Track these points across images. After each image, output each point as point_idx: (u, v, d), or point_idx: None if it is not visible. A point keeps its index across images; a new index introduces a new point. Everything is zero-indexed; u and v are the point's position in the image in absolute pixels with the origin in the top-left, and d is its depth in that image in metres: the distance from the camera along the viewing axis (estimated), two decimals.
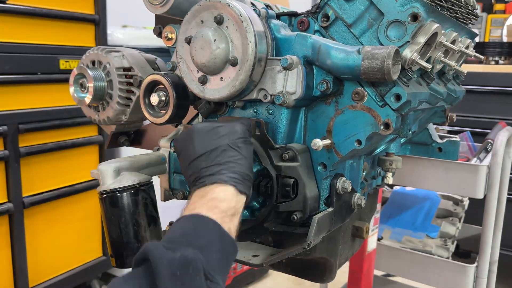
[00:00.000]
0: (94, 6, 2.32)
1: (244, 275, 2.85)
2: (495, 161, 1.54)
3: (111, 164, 0.94)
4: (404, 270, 1.81)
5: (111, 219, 0.92)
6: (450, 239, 1.91)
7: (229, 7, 0.84)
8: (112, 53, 1.09)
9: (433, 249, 1.88)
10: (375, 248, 1.68)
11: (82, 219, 2.50)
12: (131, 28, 2.59)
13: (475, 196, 1.57)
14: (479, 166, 1.54)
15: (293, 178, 0.89)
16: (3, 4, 2.01)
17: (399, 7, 0.82)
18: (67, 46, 2.26)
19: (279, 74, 0.87)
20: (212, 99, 0.90)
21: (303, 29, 0.93)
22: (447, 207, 2.03)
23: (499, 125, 1.90)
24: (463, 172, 1.56)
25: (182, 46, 0.91)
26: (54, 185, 2.32)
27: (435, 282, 1.75)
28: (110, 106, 1.09)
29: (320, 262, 1.09)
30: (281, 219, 0.93)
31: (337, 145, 0.90)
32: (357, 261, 1.63)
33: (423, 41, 0.82)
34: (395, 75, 0.78)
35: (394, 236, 1.98)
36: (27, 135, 2.16)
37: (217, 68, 0.87)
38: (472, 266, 1.66)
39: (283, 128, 0.92)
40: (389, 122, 0.83)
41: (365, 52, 0.79)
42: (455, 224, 1.94)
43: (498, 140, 1.53)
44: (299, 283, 3.07)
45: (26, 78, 2.14)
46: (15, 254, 2.17)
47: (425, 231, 1.94)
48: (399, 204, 2.08)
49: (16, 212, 2.15)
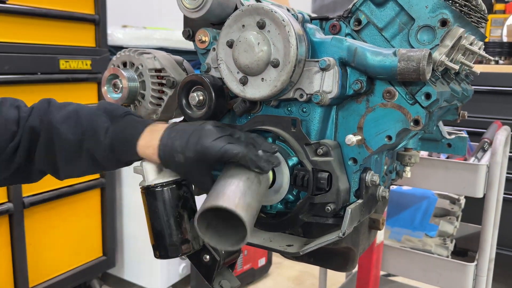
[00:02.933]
0: (94, 6, 2.33)
1: (244, 275, 2.89)
2: (494, 160, 1.59)
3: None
4: (405, 270, 1.84)
5: (155, 212, 0.97)
6: (448, 238, 1.97)
7: (272, 13, 0.89)
8: (144, 54, 1.13)
9: (433, 248, 1.93)
10: (383, 240, 1.76)
11: (82, 219, 2.51)
12: (131, 28, 2.61)
13: (475, 195, 1.62)
14: (478, 165, 1.60)
15: (328, 172, 0.95)
16: (3, 4, 2.01)
17: (429, 13, 0.89)
18: (67, 46, 2.26)
19: (317, 74, 0.93)
20: (253, 99, 0.96)
21: (335, 32, 0.99)
22: (444, 206, 2.08)
23: (494, 125, 1.98)
24: (463, 171, 1.61)
25: (223, 49, 0.96)
26: (54, 185, 2.33)
27: (435, 281, 1.79)
28: (143, 105, 1.13)
29: (344, 251, 1.16)
30: (315, 211, 0.99)
31: (367, 140, 0.97)
32: (367, 253, 1.69)
33: (450, 44, 0.90)
34: (428, 75, 0.85)
35: (394, 235, 2.04)
36: None
37: (259, 69, 0.92)
38: (472, 265, 1.70)
39: (316, 125, 0.99)
40: (419, 119, 0.90)
41: (401, 54, 0.85)
42: (453, 223, 1.99)
43: (497, 140, 1.59)
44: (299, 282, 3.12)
45: (26, 78, 2.15)
46: (15, 254, 2.17)
47: (424, 230, 2.00)
48: (396, 204, 2.12)
49: (16, 212, 2.15)
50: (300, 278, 3.17)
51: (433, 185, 1.71)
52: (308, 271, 3.22)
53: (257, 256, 3.00)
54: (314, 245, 0.99)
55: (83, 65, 2.33)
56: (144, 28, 2.64)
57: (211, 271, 1.08)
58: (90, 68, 2.37)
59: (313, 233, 1.08)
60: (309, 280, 3.12)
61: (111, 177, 2.63)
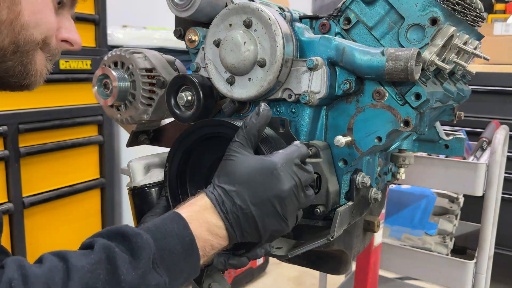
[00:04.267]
0: (94, 6, 2.33)
1: (243, 274, 2.89)
2: (493, 159, 1.60)
3: (141, 161, 0.97)
4: (405, 268, 1.85)
5: (142, 213, 0.96)
6: (448, 236, 1.97)
7: (258, 11, 0.88)
8: (135, 54, 1.12)
9: (433, 246, 1.93)
10: (381, 242, 1.74)
11: (82, 219, 2.51)
12: (131, 28, 2.60)
13: (474, 193, 1.63)
14: (478, 164, 1.60)
15: (317, 174, 0.94)
16: None
17: (419, 12, 0.88)
18: None
19: (304, 74, 0.91)
20: (240, 99, 0.94)
21: (325, 32, 0.98)
22: (443, 204, 2.09)
23: (492, 124, 1.97)
24: (463, 170, 1.62)
25: (210, 48, 0.95)
26: (54, 185, 2.32)
27: (435, 279, 1.79)
28: (133, 105, 1.12)
29: (336, 254, 1.14)
30: (304, 213, 0.98)
31: (357, 141, 0.95)
32: (364, 255, 1.68)
33: (441, 43, 0.88)
34: (417, 75, 0.83)
35: (394, 234, 2.04)
36: (27, 135, 2.16)
37: (246, 69, 0.91)
38: (472, 262, 1.70)
39: (306, 126, 0.97)
40: (409, 120, 0.89)
41: (389, 53, 0.84)
42: (452, 221, 2.00)
43: (496, 139, 1.59)
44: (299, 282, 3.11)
45: None
46: (15, 254, 2.17)
47: (423, 229, 2.00)
48: (396, 202, 2.13)
49: (16, 212, 2.15)
50: (300, 278, 3.16)
51: (433, 183, 1.72)
52: (308, 271, 3.20)
53: None
54: (302, 248, 0.97)
55: (83, 65, 2.33)
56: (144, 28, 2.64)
57: (200, 274, 1.07)
58: (90, 68, 2.36)
59: (302, 236, 1.06)
60: (309, 280, 3.11)
61: (111, 177, 2.63)
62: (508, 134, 1.76)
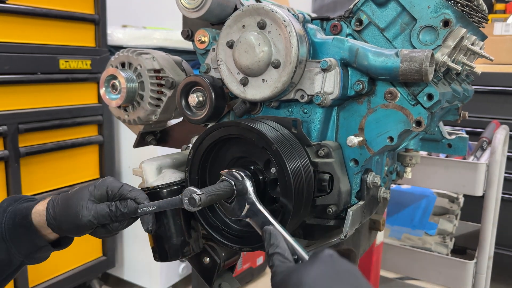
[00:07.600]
0: (94, 6, 2.33)
1: (243, 274, 2.89)
2: (494, 159, 1.61)
3: (154, 162, 0.97)
4: (405, 268, 1.85)
5: (154, 214, 0.96)
6: (448, 236, 1.98)
7: (272, 13, 0.88)
8: (143, 55, 1.12)
9: (433, 246, 1.94)
10: (383, 241, 1.75)
11: None
12: (131, 28, 2.60)
13: (474, 193, 1.64)
14: (478, 164, 1.61)
15: (329, 174, 0.94)
16: (3, 4, 2.00)
17: (432, 13, 0.89)
18: (67, 46, 2.26)
19: (318, 75, 0.92)
20: (253, 100, 0.95)
21: (336, 33, 0.98)
22: (443, 204, 2.10)
23: (492, 124, 1.99)
24: (463, 170, 1.63)
25: (223, 49, 0.95)
26: (54, 185, 2.32)
27: (435, 278, 1.80)
28: (141, 106, 1.12)
29: (345, 253, 1.15)
30: (316, 212, 0.98)
31: (369, 142, 0.96)
32: (366, 254, 1.69)
33: (452, 45, 0.89)
34: (430, 76, 0.84)
35: (394, 234, 2.04)
36: (27, 135, 2.15)
37: (260, 70, 0.91)
38: (472, 262, 1.71)
39: (318, 126, 0.98)
40: (421, 120, 0.89)
41: (403, 55, 0.85)
42: (452, 221, 2.01)
43: (496, 139, 1.60)
44: None
45: (26, 78, 2.14)
46: None
47: (424, 229, 2.01)
48: (396, 202, 2.13)
49: None
50: None
51: (433, 183, 1.72)
52: None
53: (256, 255, 3.01)
54: (315, 247, 0.98)
55: (83, 65, 2.32)
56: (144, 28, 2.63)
57: (211, 274, 1.08)
58: (90, 68, 2.36)
59: (314, 235, 1.07)
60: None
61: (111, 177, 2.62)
62: (508, 134, 1.78)
